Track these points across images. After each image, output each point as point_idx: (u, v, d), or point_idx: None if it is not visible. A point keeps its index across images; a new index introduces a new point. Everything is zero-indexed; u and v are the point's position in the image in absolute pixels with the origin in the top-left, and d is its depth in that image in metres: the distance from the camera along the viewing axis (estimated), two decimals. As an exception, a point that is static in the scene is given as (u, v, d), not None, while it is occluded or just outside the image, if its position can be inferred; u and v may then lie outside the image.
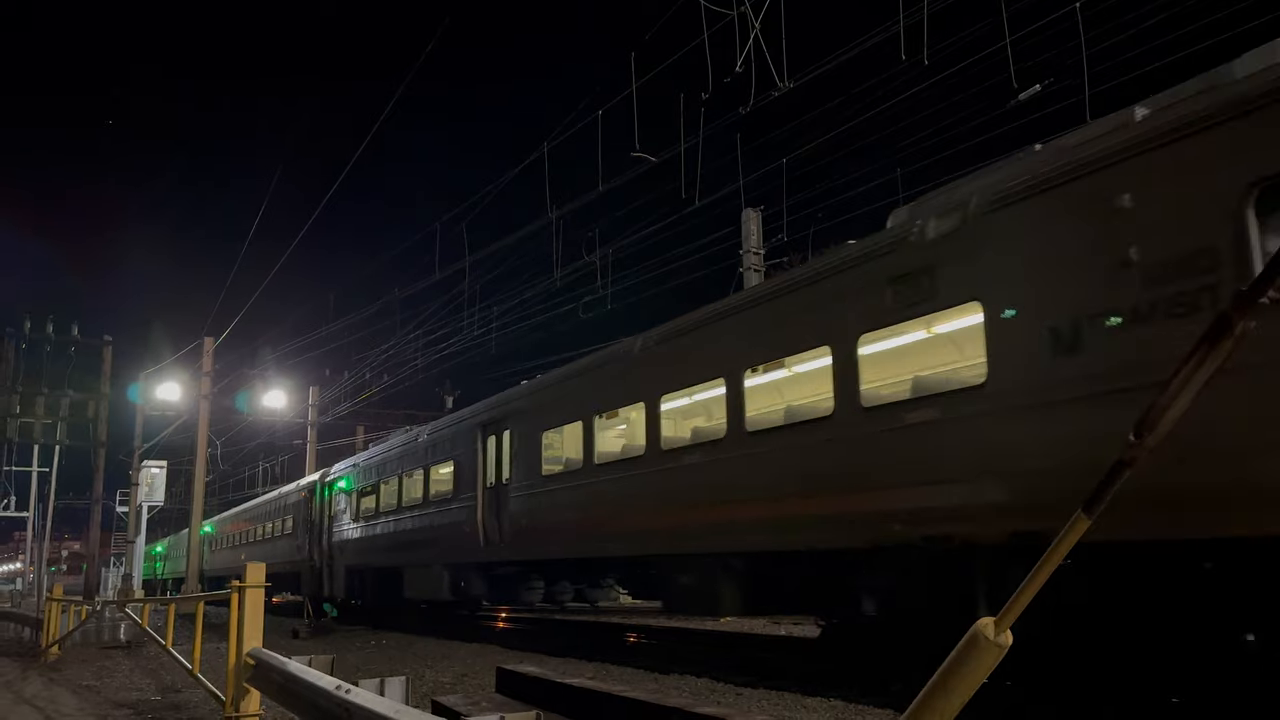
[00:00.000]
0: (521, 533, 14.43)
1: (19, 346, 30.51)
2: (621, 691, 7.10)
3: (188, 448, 34.77)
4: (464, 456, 16.71)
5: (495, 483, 15.41)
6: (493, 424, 15.83)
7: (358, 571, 22.54)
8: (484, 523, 15.58)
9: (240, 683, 7.34)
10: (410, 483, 19.79)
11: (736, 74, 13.69)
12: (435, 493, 18.29)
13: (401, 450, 20.56)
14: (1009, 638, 2.12)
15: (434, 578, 17.78)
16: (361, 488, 22.52)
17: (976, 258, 7.37)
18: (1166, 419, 1.89)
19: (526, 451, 14.47)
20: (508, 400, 15.82)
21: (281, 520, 30.33)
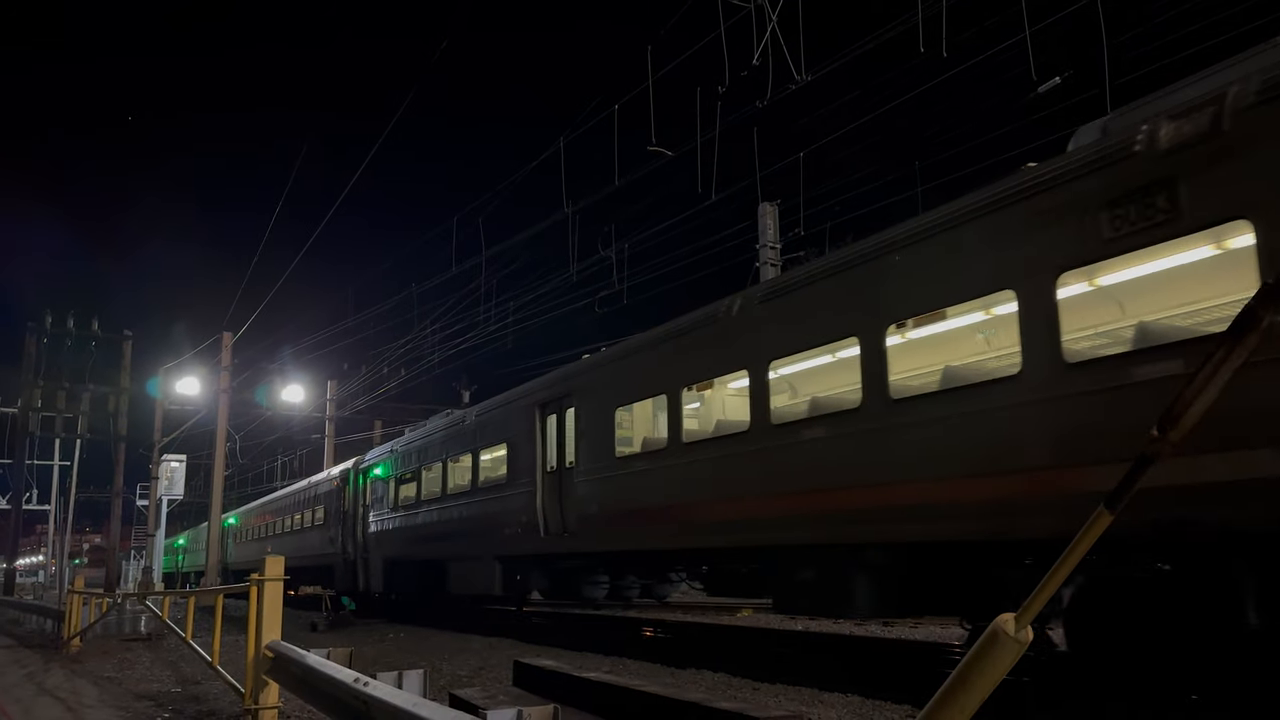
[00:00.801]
0: (589, 521, 13.03)
1: (40, 341, 30.83)
2: (639, 686, 7.12)
3: (207, 441, 35.00)
4: (519, 438, 15.26)
5: (557, 467, 14.05)
6: (553, 402, 14.37)
7: (397, 564, 21.27)
8: (544, 511, 14.24)
9: (259, 675, 7.40)
10: (456, 468, 18.38)
11: (754, 67, 13.65)
12: (486, 479, 16.89)
13: (446, 433, 18.97)
14: (1029, 634, 2.11)
15: (484, 572, 16.36)
16: (400, 475, 21.09)
17: (1242, 164, 5.82)
18: (1191, 414, 1.88)
19: (595, 431, 13.00)
20: (571, 375, 14.24)
21: (311, 511, 29.08)
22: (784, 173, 16.85)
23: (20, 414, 32.33)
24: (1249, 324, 1.81)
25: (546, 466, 14.37)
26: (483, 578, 16.46)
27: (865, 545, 8.64)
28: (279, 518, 33.82)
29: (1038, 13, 11.74)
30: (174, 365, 31.91)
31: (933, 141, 16.76)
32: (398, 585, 21.47)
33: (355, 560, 23.58)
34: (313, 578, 26.18)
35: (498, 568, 15.98)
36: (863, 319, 8.64)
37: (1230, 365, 1.83)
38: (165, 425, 33.17)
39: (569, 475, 13.64)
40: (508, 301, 24.33)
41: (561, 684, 7.86)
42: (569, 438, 13.80)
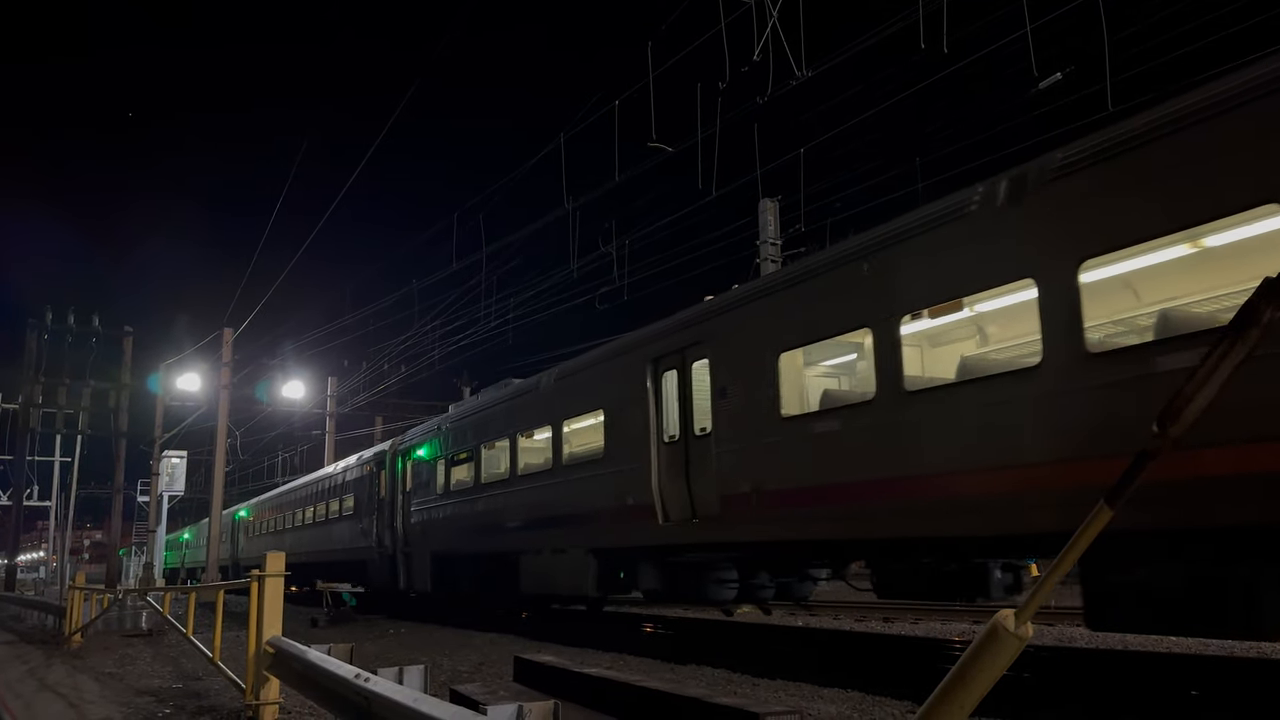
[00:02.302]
0: (736, 503, 10.17)
1: (41, 337, 30.87)
2: (639, 681, 7.12)
3: (208, 438, 35.02)
4: (622, 403, 12.62)
5: (680, 435, 11.38)
6: (673, 354, 11.66)
7: (448, 560, 18.39)
8: (661, 491, 11.60)
9: (260, 671, 7.41)
10: (529, 444, 15.84)
11: (754, 63, 13.63)
12: (572, 455, 14.28)
13: (513, 403, 16.26)
14: (1029, 630, 2.12)
15: (572, 567, 13.66)
16: (452, 455, 18.40)
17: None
18: (1191, 410, 1.87)
19: (744, 386, 10.28)
20: (700, 319, 11.37)
21: (339, 500, 26.28)
22: (784, 169, 16.85)
23: (21, 410, 32.37)
24: (1250, 319, 1.80)
25: (664, 436, 11.76)
26: (570, 575, 13.82)
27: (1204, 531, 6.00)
28: (298, 509, 31.44)
29: (1039, 8, 11.73)
30: (175, 361, 31.96)
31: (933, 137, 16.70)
32: (450, 584, 18.55)
33: (394, 555, 20.87)
34: (341, 574, 24.12)
35: (591, 563, 13.26)
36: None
37: (1231, 361, 1.83)
38: (166, 421, 33.22)
39: (700, 445, 10.97)
40: (508, 298, 24.36)
41: (562, 679, 7.87)
42: (699, 398, 11.18)
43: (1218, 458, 5.53)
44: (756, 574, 11.91)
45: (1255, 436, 5.51)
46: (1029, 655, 7.45)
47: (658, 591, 12.58)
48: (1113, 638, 12.61)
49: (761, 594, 12.23)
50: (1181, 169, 6.23)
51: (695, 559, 11.76)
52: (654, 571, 12.42)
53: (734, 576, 11.71)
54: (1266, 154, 5.79)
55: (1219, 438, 5.39)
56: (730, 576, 11.71)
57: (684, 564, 11.99)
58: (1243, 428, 5.33)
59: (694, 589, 12.01)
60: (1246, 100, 5.97)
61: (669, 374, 11.79)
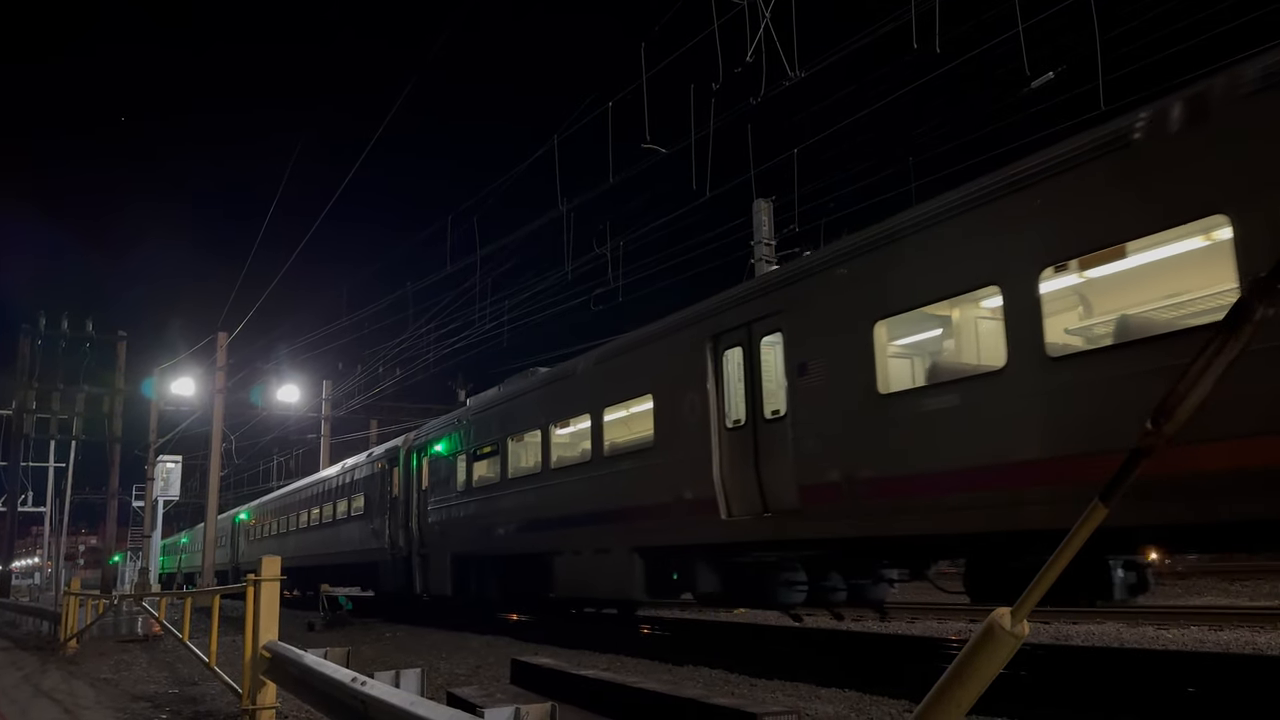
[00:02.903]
0: (828, 493, 8.93)
1: (34, 342, 30.82)
2: (636, 683, 7.12)
3: (202, 442, 34.93)
4: (675, 386, 11.44)
5: (747, 419, 10.25)
6: (739, 329, 10.46)
7: (470, 561, 17.33)
8: (724, 483, 10.48)
9: (257, 675, 7.39)
10: (565, 434, 14.67)
11: (747, 64, 13.64)
12: (615, 445, 13.11)
13: (545, 391, 15.11)
14: (1025, 628, 2.11)
15: (616, 568, 12.50)
16: (475, 449, 17.24)
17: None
18: (1185, 407, 1.87)
19: (829, 361, 9.05)
20: (771, 288, 10.17)
21: (347, 500, 25.13)
22: (778, 169, 16.88)
23: (14, 416, 32.28)
24: (1243, 316, 1.81)
25: (727, 421, 10.60)
26: (612, 576, 12.65)
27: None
28: (304, 510, 30.27)
29: (1031, 8, 11.76)
30: (169, 366, 31.86)
31: (926, 137, 16.73)
32: (471, 586, 17.48)
33: (409, 556, 19.80)
34: (350, 578, 23.16)
35: (637, 563, 12.14)
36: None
37: (1225, 358, 1.83)
38: (160, 426, 33.10)
39: (773, 431, 9.80)
40: (503, 300, 24.33)
41: (559, 682, 7.86)
42: (770, 377, 10.06)
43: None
44: (827, 575, 10.52)
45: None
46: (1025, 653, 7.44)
47: (716, 595, 11.42)
48: (1109, 635, 12.64)
49: (833, 597, 10.71)
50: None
51: (761, 559, 10.46)
52: (712, 572, 11.22)
53: (802, 578, 10.37)
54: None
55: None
56: (799, 578, 10.37)
57: (748, 564, 10.68)
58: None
59: (759, 591, 10.68)
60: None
61: (732, 351, 10.61)
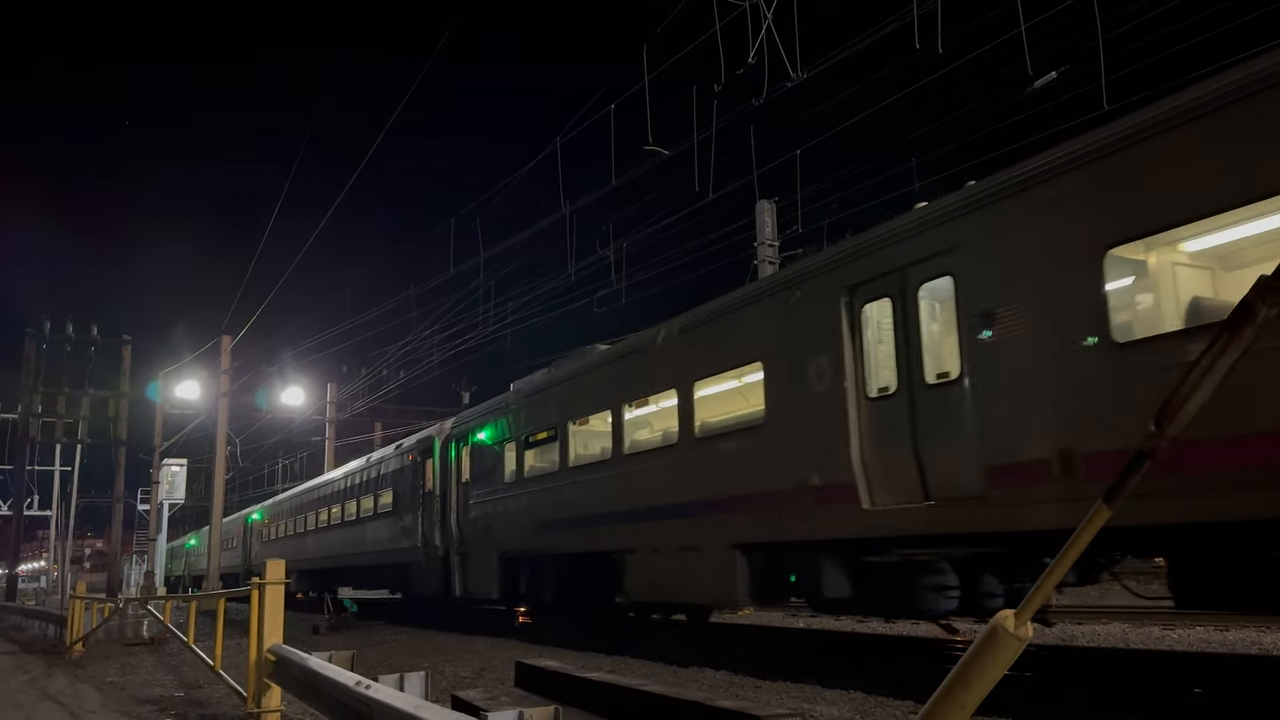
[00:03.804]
0: (1030, 476, 7.23)
1: (40, 346, 30.94)
2: (641, 685, 7.11)
3: (208, 445, 35.00)
4: (796, 350, 9.67)
5: (902, 386, 8.45)
6: (885, 277, 8.68)
7: (522, 561, 15.72)
8: (865, 464, 8.77)
9: (261, 679, 7.40)
10: (642, 415, 13.05)
11: (749, 65, 13.65)
12: (711, 424, 11.35)
13: (615, 367, 13.44)
14: (1029, 630, 2.11)
15: (710, 568, 10.85)
16: (527, 435, 15.63)
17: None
18: (1188, 409, 1.87)
19: (1031, 306, 7.29)
20: (937, 222, 8.23)
21: (373, 496, 23.36)
22: (781, 170, 16.89)
23: (20, 420, 32.41)
24: (1245, 317, 1.80)
25: (870, 389, 8.83)
26: (705, 577, 11.02)
27: None
28: (323, 508, 28.62)
29: (1034, 7, 11.75)
30: (174, 369, 31.94)
31: (929, 137, 16.73)
32: (521, 589, 15.94)
33: (448, 556, 18.14)
34: (376, 580, 21.78)
35: (739, 562, 10.42)
36: None
37: (1227, 359, 1.83)
38: (166, 429, 33.18)
39: (940, 398, 8.07)
40: (506, 302, 24.35)
41: (563, 684, 7.86)
42: (934, 333, 8.38)
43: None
44: (980, 577, 8.68)
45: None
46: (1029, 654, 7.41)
47: (845, 600, 9.57)
48: (1114, 636, 12.62)
49: (989, 604, 8.66)
50: None
51: (909, 557, 8.64)
52: (840, 573, 9.42)
53: (954, 581, 8.56)
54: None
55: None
56: (950, 580, 8.59)
57: (889, 564, 8.87)
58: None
59: (900, 597, 8.85)
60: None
61: (875, 305, 8.85)
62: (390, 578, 21.24)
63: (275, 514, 35.63)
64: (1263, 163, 5.88)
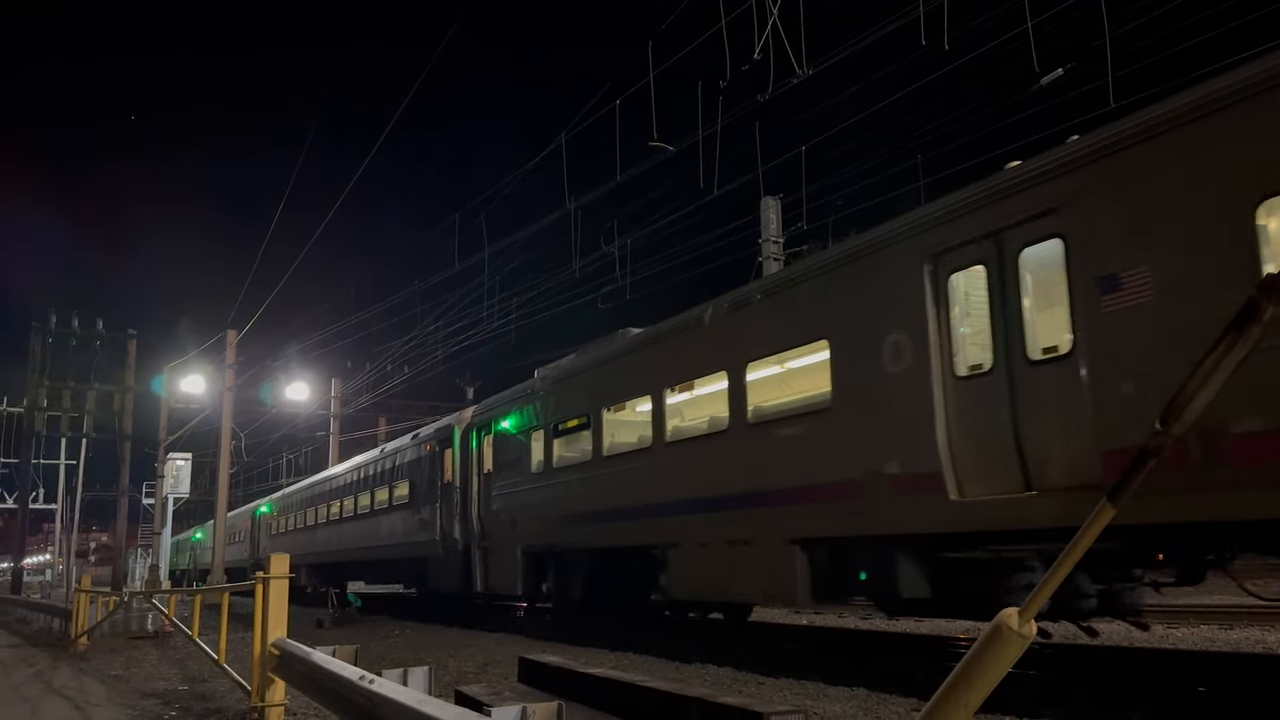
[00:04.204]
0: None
1: (45, 340, 31.01)
2: (643, 681, 7.10)
3: (212, 440, 35.03)
4: (869, 325, 8.80)
5: (999, 363, 7.61)
6: (976, 242, 7.81)
7: (548, 555, 15.06)
8: (953, 450, 7.92)
9: (265, 673, 7.41)
10: (687, 400, 12.41)
11: (755, 61, 13.62)
12: (767, 408, 10.55)
13: (656, 349, 12.52)
14: (1033, 629, 2.11)
15: (765, 564, 10.00)
16: (556, 423, 14.83)
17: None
18: (1193, 407, 1.87)
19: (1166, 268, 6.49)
20: (1039, 177, 7.36)
21: (388, 488, 22.59)
22: (786, 166, 16.85)
23: (26, 413, 32.51)
24: (1252, 315, 1.80)
25: (959, 368, 8.02)
26: (760, 575, 10.12)
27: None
28: (334, 501, 27.87)
29: (1040, 4, 11.72)
30: (179, 364, 32.01)
31: (935, 134, 16.70)
32: (548, 585, 15.33)
33: (468, 549, 17.47)
34: (391, 575, 21.34)
35: (798, 559, 9.54)
36: None
37: (1234, 358, 1.82)
38: (170, 424, 33.26)
39: (1047, 376, 7.27)
40: (511, 298, 24.34)
41: (566, 680, 7.86)
42: (1040, 301, 7.54)
43: None
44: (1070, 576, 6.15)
45: None
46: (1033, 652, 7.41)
47: (920, 601, 8.69)
48: (1118, 634, 12.59)
49: (1082, 604, 7.83)
50: None
51: (1001, 553, 7.76)
52: (918, 572, 8.49)
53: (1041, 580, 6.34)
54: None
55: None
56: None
57: (973, 562, 7.99)
58: None
59: (985, 598, 7.91)
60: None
61: (965, 274, 8.06)
62: (406, 572, 20.68)
63: (285, 506, 34.82)
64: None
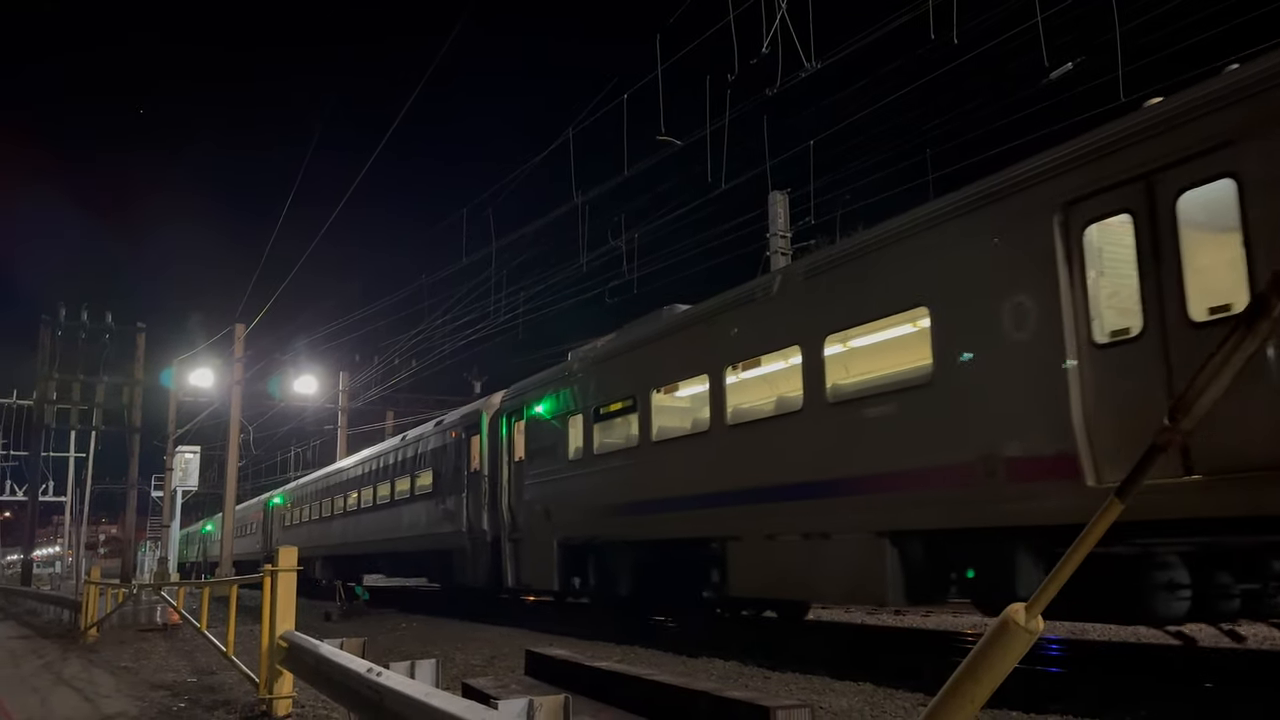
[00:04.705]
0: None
1: (55, 333, 31.14)
2: (650, 675, 7.12)
3: (221, 433, 35.18)
4: (978, 289, 7.80)
5: (1149, 327, 6.57)
6: (1122, 187, 6.77)
7: (589, 549, 14.03)
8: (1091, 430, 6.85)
9: (273, 665, 7.45)
10: (751, 378, 11.28)
11: (763, 55, 13.59)
12: (845, 386, 9.42)
13: (714, 325, 11.32)
14: (1040, 624, 2.11)
15: (846, 559, 8.94)
16: (597, 406, 13.76)
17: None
18: (1202, 403, 1.86)
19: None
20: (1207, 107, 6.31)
21: (409, 478, 21.64)
22: (794, 161, 16.81)
23: (35, 406, 32.66)
24: (1261, 311, 1.79)
25: (1098, 334, 6.96)
26: (839, 571, 9.11)
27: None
28: (351, 491, 26.81)
29: (1049, -2, 11.65)
30: (187, 357, 32.14)
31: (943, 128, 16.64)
32: (588, 580, 14.33)
33: (497, 542, 16.59)
34: (412, 568, 20.77)
35: (888, 553, 8.39)
36: None
37: (1243, 353, 1.82)
38: (179, 417, 33.41)
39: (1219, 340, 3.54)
40: (518, 292, 24.35)
41: (573, 673, 7.88)
42: (1204, 253, 6.52)
43: None
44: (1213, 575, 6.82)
45: None
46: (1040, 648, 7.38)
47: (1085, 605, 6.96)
48: (1125, 630, 12.57)
49: (1223, 606, 6.95)
50: None
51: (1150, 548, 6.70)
52: (1040, 570, 7.26)
53: (1185, 579, 6.72)
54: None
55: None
56: (1180, 578, 6.75)
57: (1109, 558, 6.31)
58: None
59: (1120, 599, 6.88)
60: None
61: (1104, 224, 6.99)
62: (429, 565, 19.94)
63: (299, 497, 33.69)
64: None
